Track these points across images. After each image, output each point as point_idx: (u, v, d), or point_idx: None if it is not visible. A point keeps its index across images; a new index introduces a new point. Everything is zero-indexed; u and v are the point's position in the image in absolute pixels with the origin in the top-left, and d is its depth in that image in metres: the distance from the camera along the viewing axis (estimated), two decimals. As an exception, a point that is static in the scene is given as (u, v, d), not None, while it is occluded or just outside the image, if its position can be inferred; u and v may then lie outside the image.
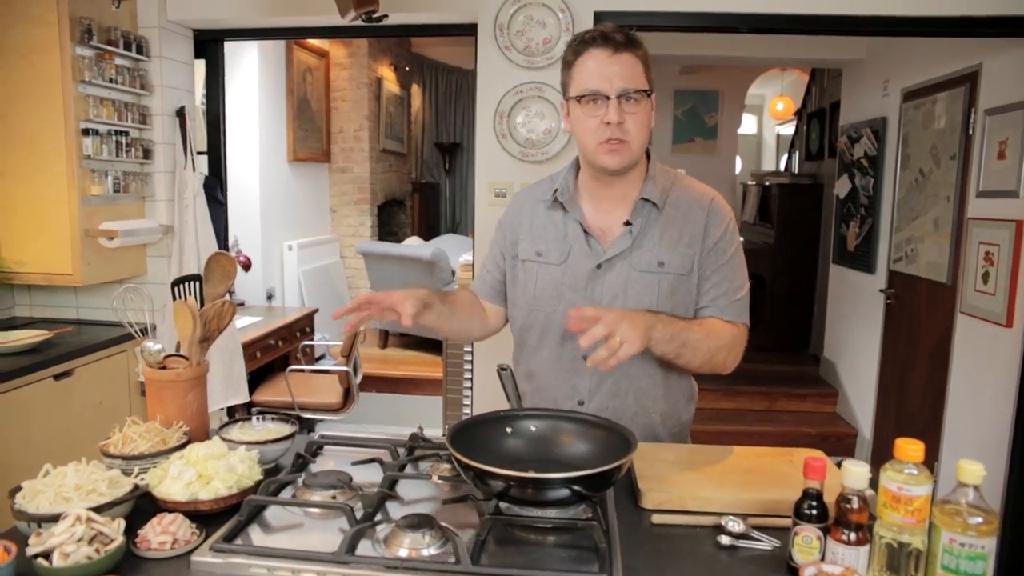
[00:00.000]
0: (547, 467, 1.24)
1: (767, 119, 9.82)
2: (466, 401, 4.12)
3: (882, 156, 3.89)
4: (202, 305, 1.38)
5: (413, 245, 5.59)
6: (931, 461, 3.34)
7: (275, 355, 3.92)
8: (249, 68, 4.54)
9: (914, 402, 3.55)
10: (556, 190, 1.44)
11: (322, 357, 5.01)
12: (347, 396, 3.78)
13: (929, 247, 3.39)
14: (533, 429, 1.30)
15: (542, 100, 2.57)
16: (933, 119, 3.38)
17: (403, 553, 1.02)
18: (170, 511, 1.08)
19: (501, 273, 1.54)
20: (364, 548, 1.03)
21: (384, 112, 6.42)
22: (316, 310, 4.47)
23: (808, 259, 5.28)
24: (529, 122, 2.58)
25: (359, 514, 1.11)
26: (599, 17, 2.54)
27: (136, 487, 1.12)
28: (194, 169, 2.75)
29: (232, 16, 2.74)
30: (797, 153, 6.39)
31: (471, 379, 4.02)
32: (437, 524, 1.06)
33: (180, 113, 2.77)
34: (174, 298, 1.30)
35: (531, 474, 1.08)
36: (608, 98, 1.29)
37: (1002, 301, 2.82)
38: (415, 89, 7.75)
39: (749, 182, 6.51)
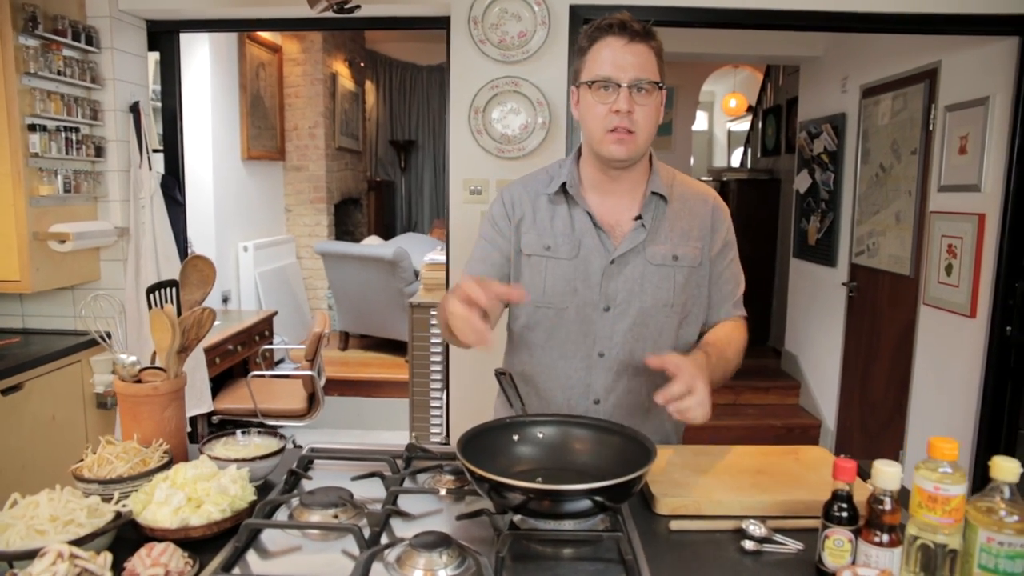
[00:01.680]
0: (560, 475, 1.19)
1: (718, 115, 9.98)
2: (435, 403, 4.05)
3: (842, 151, 3.96)
4: (179, 313, 1.28)
5: (373, 245, 5.47)
6: (895, 450, 3.42)
7: (234, 360, 3.77)
8: (200, 63, 4.35)
9: (878, 392, 3.62)
10: (564, 182, 1.39)
11: (281, 361, 4.86)
12: (312, 401, 3.67)
13: (891, 240, 3.45)
14: (541, 436, 1.25)
15: (518, 95, 2.51)
16: (893, 115, 3.44)
17: (418, 575, 0.96)
18: (159, 539, 0.99)
19: (507, 263, 1.46)
20: (376, 571, 0.96)
21: (339, 109, 6.27)
22: (275, 313, 4.33)
23: (766, 254, 5.35)
24: (505, 117, 2.52)
25: (366, 533, 1.03)
26: (574, 11, 2.50)
27: (119, 515, 1.02)
28: (150, 168, 2.60)
29: (188, 6, 2.60)
30: (751, 149, 6.49)
31: (441, 380, 3.94)
32: (454, 542, 0.99)
33: (134, 108, 2.62)
34: (150, 306, 1.19)
35: (553, 486, 1.03)
36: (620, 86, 1.27)
37: (965, 292, 2.89)
38: (369, 86, 7.60)
39: (706, 178, 6.58)
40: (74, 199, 2.54)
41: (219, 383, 3.64)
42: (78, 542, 0.93)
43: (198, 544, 1.02)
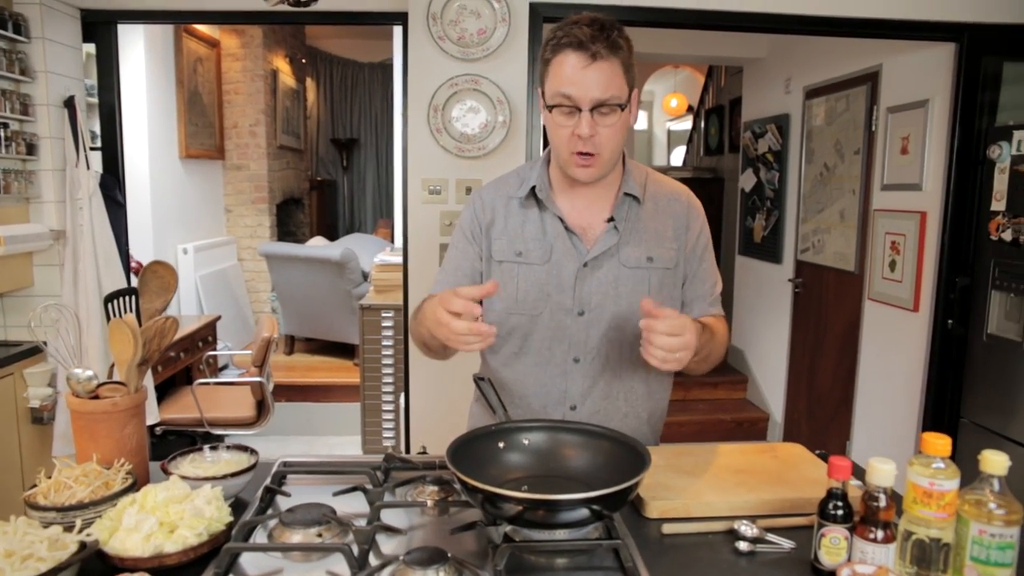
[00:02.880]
0: (551, 483, 1.16)
1: (658, 115, 10.15)
2: (387, 408, 3.97)
3: (786, 151, 4.06)
4: (140, 323, 1.20)
5: (319, 246, 5.34)
6: (842, 441, 3.53)
7: (177, 368, 3.62)
8: (134, 57, 4.15)
9: (824, 385, 3.73)
10: (534, 187, 1.36)
11: (225, 368, 4.68)
12: (261, 408, 3.55)
13: (836, 238, 3.56)
14: (527, 442, 1.22)
15: (478, 93, 2.47)
16: (837, 116, 3.55)
17: (414, 593, 0.91)
18: (130, 570, 0.92)
19: (473, 276, 1.43)
20: (369, 592, 0.92)
21: (280, 106, 6.09)
22: (218, 317, 4.17)
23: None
24: (464, 116, 2.48)
25: (355, 552, 0.98)
26: (534, 9, 2.48)
27: (83, 545, 0.94)
28: (88, 166, 2.45)
29: (126, -4, 2.47)
30: (694, 148, 6.61)
31: (393, 384, 3.87)
32: (450, 558, 0.95)
33: (69, 103, 2.46)
34: (108, 316, 1.11)
35: (550, 496, 1.00)
36: (581, 110, 1.22)
37: (908, 287, 3.00)
38: (310, 83, 7.42)
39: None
40: (4, 200, 2.37)
41: (161, 392, 3.48)
42: (40, 578, 0.85)
43: (173, 572, 0.95)
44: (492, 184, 1.46)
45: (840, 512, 0.99)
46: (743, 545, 1.07)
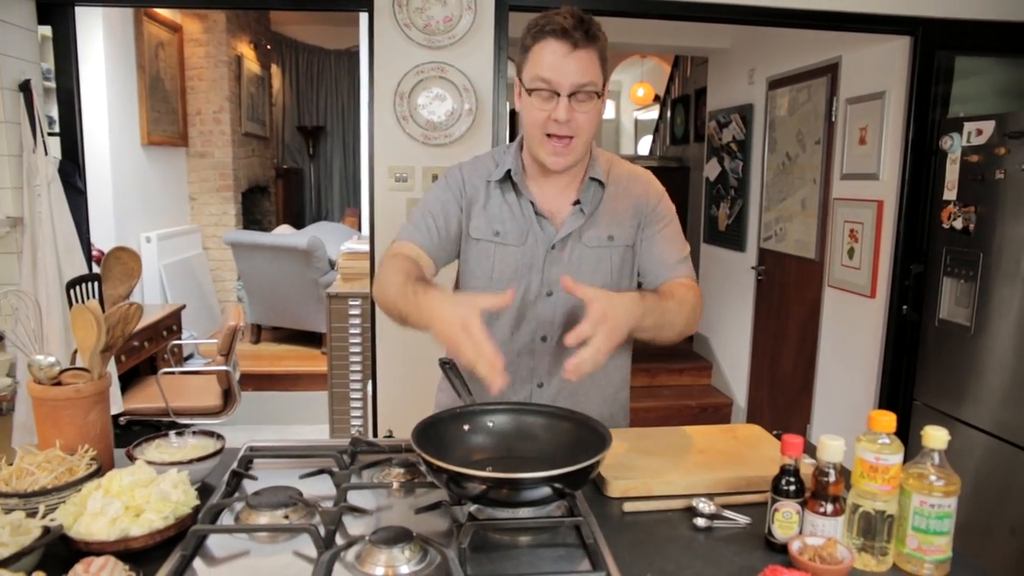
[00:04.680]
0: (515, 463, 1.18)
1: (625, 104, 10.21)
2: (355, 395, 3.97)
3: (750, 141, 4.13)
4: (103, 309, 1.19)
5: (286, 234, 5.29)
6: (803, 424, 3.62)
7: (141, 358, 3.57)
8: (93, 41, 4.05)
9: (786, 370, 3.82)
10: (509, 170, 1.39)
11: (190, 357, 4.62)
12: (227, 397, 3.52)
13: (797, 226, 3.64)
14: (491, 424, 1.24)
15: (444, 81, 2.47)
16: (798, 106, 3.62)
17: (379, 572, 0.94)
18: (95, 553, 0.92)
19: (447, 229, 1.41)
20: (336, 571, 0.93)
21: (245, 93, 6.00)
22: (183, 306, 4.12)
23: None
24: (431, 104, 2.48)
25: (321, 533, 1.00)
26: (500, -4, 2.48)
27: (47, 530, 0.94)
28: (46, 152, 2.40)
29: (84, -22, 2.42)
30: (660, 138, 6.67)
31: (361, 371, 3.87)
32: (415, 536, 0.97)
33: (25, 87, 2.40)
34: (70, 302, 1.10)
35: (513, 474, 1.02)
36: (559, 95, 1.26)
37: (866, 274, 3.08)
38: (275, 69, 7.32)
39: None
40: (-43, 187, 2.32)
41: (125, 382, 3.43)
42: (2, 563, 0.85)
43: (139, 555, 0.95)
44: (470, 164, 1.48)
45: (792, 487, 1.03)
46: (701, 521, 1.10)
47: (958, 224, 2.54)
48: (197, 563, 0.97)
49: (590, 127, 1.31)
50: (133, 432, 3.33)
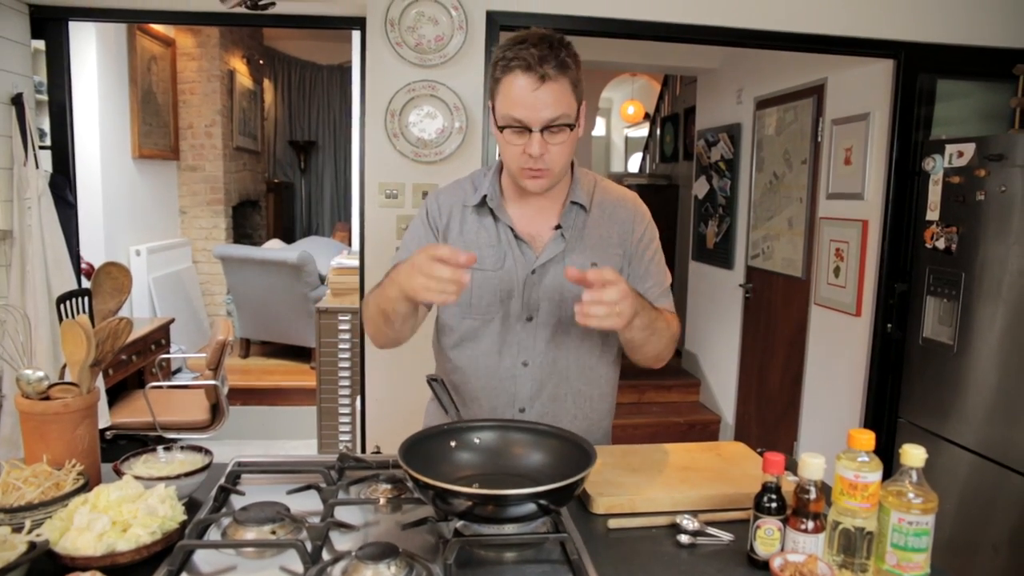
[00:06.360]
0: (501, 480, 1.19)
1: (616, 122, 10.29)
2: (344, 411, 3.96)
3: (738, 160, 4.18)
4: (93, 324, 1.20)
5: (276, 248, 5.29)
6: (790, 441, 3.64)
7: (129, 371, 3.55)
8: (86, 54, 4.07)
9: (773, 388, 3.84)
10: (485, 195, 1.39)
11: (178, 371, 4.60)
12: (215, 412, 3.51)
13: (784, 244, 3.68)
14: (478, 441, 1.25)
15: (435, 99, 2.50)
16: (785, 126, 3.67)
17: (365, 588, 0.94)
18: (81, 568, 0.92)
19: None
20: (323, 587, 0.94)
21: (237, 107, 6.02)
22: (171, 320, 4.11)
23: (666, 257, 5.51)
24: (422, 121, 2.51)
25: (308, 548, 1.01)
26: (491, 17, 2.51)
27: (32, 545, 0.94)
28: (37, 165, 2.41)
29: (78, -7, 2.44)
30: (650, 156, 6.73)
31: (350, 387, 3.86)
32: (401, 552, 0.98)
33: (17, 100, 2.41)
34: (60, 317, 1.11)
35: (498, 491, 1.03)
36: (531, 131, 1.24)
37: (851, 293, 3.12)
38: (267, 84, 7.34)
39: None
40: (-53, 199, 2.32)
41: (112, 395, 3.42)
42: (-12, 577, 0.85)
43: (126, 570, 0.96)
44: (447, 189, 1.49)
45: (774, 505, 1.05)
46: (684, 538, 1.12)
47: (940, 244, 2.58)
48: (183, 579, 0.97)
49: (563, 157, 1.30)
50: (120, 446, 3.31)
